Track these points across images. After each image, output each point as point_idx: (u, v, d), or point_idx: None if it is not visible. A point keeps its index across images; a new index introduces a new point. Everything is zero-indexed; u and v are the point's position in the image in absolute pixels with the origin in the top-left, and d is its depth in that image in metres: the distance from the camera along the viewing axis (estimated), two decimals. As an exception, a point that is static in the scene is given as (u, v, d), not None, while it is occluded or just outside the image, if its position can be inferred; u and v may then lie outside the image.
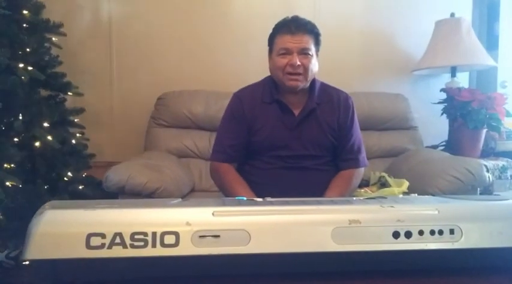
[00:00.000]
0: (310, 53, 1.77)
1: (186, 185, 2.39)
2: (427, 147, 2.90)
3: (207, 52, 3.00)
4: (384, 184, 2.25)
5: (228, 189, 1.83)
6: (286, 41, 1.76)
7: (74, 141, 2.48)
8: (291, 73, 1.76)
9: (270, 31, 1.84)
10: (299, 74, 1.76)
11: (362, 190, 2.18)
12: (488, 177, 2.12)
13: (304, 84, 1.80)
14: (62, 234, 0.76)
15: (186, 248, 0.77)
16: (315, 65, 1.81)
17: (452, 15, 2.93)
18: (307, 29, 1.77)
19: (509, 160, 2.63)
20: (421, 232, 0.81)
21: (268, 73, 1.89)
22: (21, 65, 2.10)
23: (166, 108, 2.73)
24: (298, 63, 1.74)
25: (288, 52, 1.76)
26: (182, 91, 2.78)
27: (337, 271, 0.84)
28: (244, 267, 0.81)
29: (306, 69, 1.76)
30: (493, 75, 3.23)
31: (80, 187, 2.40)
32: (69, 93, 2.48)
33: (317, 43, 1.82)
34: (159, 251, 0.76)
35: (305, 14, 1.86)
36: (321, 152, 1.87)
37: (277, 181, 1.82)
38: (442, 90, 2.87)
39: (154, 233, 0.77)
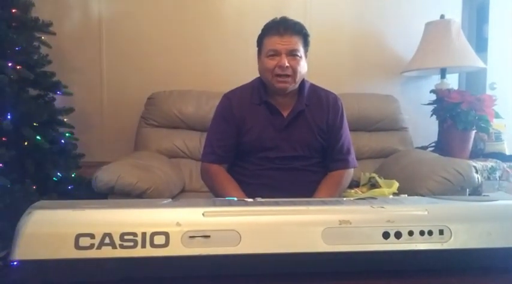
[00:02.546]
0: (299, 54, 1.77)
1: (176, 185, 2.39)
2: (416, 147, 2.92)
3: (198, 52, 2.99)
4: (374, 185, 2.26)
5: (218, 190, 1.82)
6: (275, 42, 1.75)
7: (63, 141, 2.46)
8: (279, 75, 1.76)
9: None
10: (288, 76, 1.76)
11: (352, 191, 2.18)
12: (477, 178, 2.13)
13: (293, 86, 1.80)
14: (50, 234, 0.75)
15: (176, 249, 0.77)
16: (303, 67, 1.80)
17: (442, 17, 2.96)
18: (295, 30, 1.76)
19: (498, 161, 2.65)
20: (410, 233, 0.82)
21: (259, 74, 1.89)
22: (9, 64, 2.09)
23: (157, 108, 2.72)
24: (287, 64, 1.73)
25: (276, 53, 1.75)
26: (172, 91, 2.77)
27: (328, 271, 0.84)
28: (235, 268, 0.81)
29: (294, 70, 1.76)
30: (482, 76, 3.27)
31: (69, 187, 2.39)
32: (58, 93, 2.47)
33: (306, 44, 1.82)
34: (149, 252, 0.76)
35: (296, 15, 1.86)
36: (310, 153, 1.87)
37: (267, 182, 1.82)
38: (432, 91, 2.89)
39: (144, 234, 0.77)
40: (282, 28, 1.75)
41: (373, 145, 2.85)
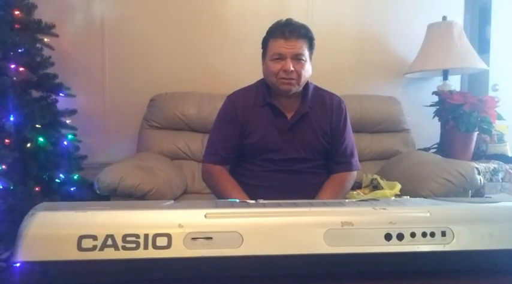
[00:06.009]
0: (304, 58, 1.76)
1: (178, 187, 2.39)
2: (419, 149, 2.92)
3: (200, 53, 3.00)
4: (376, 187, 2.26)
5: (220, 191, 1.82)
6: (280, 46, 1.74)
7: (65, 143, 2.47)
8: (284, 78, 1.76)
9: (263, 33, 1.83)
10: (292, 79, 1.76)
11: (354, 193, 2.19)
12: (480, 180, 2.13)
13: (296, 88, 1.80)
14: (53, 236, 0.75)
15: (178, 250, 0.77)
16: (308, 70, 1.80)
17: (444, 18, 2.95)
18: (301, 33, 1.75)
19: (500, 163, 2.65)
20: (413, 234, 0.82)
21: (261, 76, 1.89)
22: (12, 66, 2.09)
23: (159, 109, 2.72)
24: (292, 68, 1.73)
25: (281, 57, 1.75)
26: (175, 92, 2.77)
27: (330, 273, 0.84)
28: (237, 269, 0.81)
29: (299, 74, 1.75)
30: (484, 78, 3.26)
31: (72, 189, 2.39)
32: (61, 94, 2.47)
33: (311, 47, 1.81)
34: (151, 253, 0.76)
35: (298, 17, 1.85)
36: (314, 155, 1.87)
37: (269, 184, 1.82)
38: (434, 93, 2.89)
39: (146, 235, 0.77)
40: (288, 31, 1.74)
41: (375, 147, 2.85)
